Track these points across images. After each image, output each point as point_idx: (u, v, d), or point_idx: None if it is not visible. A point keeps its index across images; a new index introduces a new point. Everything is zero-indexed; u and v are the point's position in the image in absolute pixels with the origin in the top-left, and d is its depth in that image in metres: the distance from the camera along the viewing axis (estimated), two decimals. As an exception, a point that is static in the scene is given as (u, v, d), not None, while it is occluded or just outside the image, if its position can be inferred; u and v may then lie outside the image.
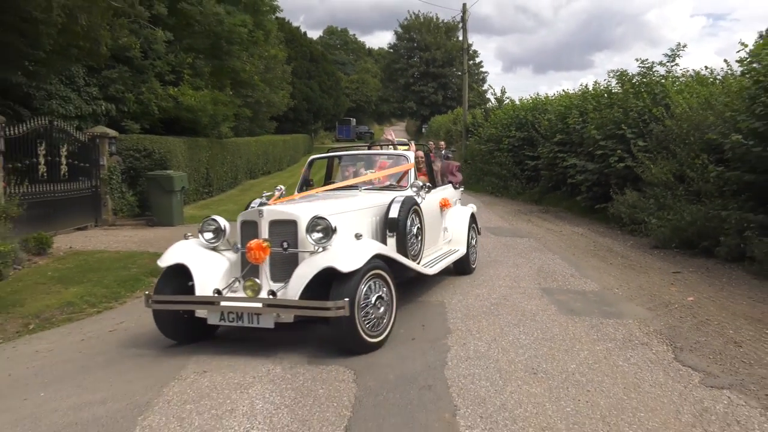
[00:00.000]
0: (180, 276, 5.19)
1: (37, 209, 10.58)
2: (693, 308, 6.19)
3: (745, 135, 7.93)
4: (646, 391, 4.09)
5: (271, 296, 4.79)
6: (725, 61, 13.55)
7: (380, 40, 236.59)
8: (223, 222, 5.52)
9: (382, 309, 4.97)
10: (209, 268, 5.22)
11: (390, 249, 5.72)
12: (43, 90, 13.04)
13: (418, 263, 6.39)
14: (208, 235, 5.49)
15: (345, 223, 5.30)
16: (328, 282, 4.78)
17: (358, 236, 5.10)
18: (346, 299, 4.55)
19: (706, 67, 12.45)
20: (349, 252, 4.88)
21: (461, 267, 7.95)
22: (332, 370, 4.53)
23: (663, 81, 12.46)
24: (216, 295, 4.94)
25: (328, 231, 4.97)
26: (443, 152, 15.89)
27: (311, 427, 3.63)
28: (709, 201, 8.89)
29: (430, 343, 5.15)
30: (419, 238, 6.45)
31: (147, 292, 5.20)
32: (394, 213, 6.01)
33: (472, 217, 8.48)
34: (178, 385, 4.33)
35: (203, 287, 5.06)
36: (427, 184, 7.09)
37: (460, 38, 37.72)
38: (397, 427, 3.60)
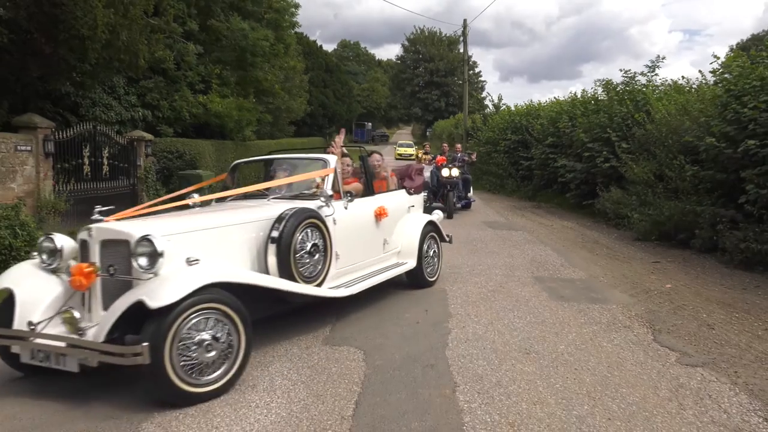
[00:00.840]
0: None
1: (82, 205, 10.62)
2: (670, 294, 6.16)
3: (718, 138, 7.91)
4: (627, 369, 4.08)
5: (79, 335, 3.67)
6: (700, 71, 13.42)
7: (389, 52, 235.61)
8: (60, 241, 4.22)
9: (213, 353, 3.64)
10: (38, 295, 4.00)
11: (267, 274, 4.51)
12: (88, 98, 13.11)
13: (320, 284, 4.92)
14: (45, 256, 4.22)
15: (199, 243, 4.13)
16: None
17: (190, 261, 3.81)
18: (145, 344, 3.34)
19: (683, 77, 12.37)
20: (169, 282, 3.59)
21: (415, 280, 6.48)
22: (344, 350, 4.54)
23: (644, 89, 12.36)
24: (29, 329, 3.77)
25: (154, 255, 3.70)
26: (459, 155, 14.92)
27: (325, 401, 3.64)
28: (686, 198, 8.83)
29: (433, 326, 5.14)
30: (318, 256, 4.89)
31: None
32: (275, 230, 4.59)
33: (431, 225, 6.78)
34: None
35: (22, 318, 3.86)
36: (352, 192, 5.79)
37: (461, 50, 37.57)
38: (403, 402, 3.60)
